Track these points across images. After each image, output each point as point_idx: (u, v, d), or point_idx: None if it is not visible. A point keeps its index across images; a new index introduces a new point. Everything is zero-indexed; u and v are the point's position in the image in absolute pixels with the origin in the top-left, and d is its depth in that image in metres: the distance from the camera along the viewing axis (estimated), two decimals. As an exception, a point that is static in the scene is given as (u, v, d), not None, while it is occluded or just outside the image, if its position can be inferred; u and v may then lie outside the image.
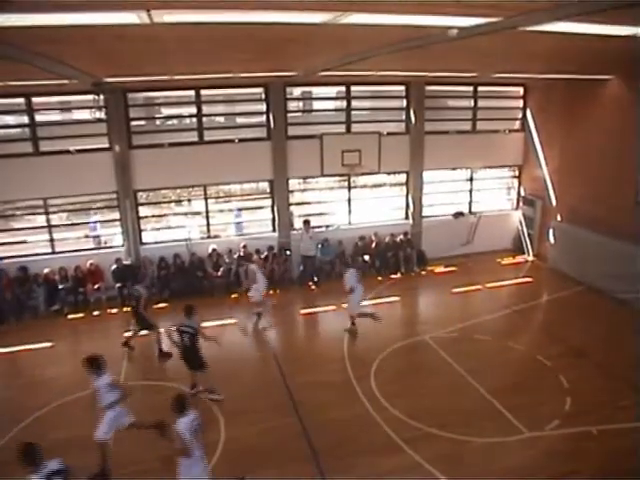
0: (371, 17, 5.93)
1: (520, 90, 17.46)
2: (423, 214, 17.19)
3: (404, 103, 16.41)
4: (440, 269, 16.45)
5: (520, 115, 17.62)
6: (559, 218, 16.26)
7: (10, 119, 14.58)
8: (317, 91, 16.69)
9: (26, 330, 12.56)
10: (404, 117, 16.48)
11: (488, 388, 9.45)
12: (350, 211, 16.69)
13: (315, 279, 15.32)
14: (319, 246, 15.52)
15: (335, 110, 16.50)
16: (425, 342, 11.46)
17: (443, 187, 17.74)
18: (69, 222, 15.29)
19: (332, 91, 16.48)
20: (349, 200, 16.62)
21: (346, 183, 16.53)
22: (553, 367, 10.18)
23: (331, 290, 14.46)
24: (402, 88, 16.26)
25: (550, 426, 8.38)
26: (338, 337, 11.74)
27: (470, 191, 17.89)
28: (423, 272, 16.30)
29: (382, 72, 12.75)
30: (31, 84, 11.71)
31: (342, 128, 15.98)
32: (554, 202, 16.52)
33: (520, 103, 17.58)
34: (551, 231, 16.44)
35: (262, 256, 14.68)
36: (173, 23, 5.94)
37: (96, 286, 14.02)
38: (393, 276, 15.86)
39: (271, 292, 12.60)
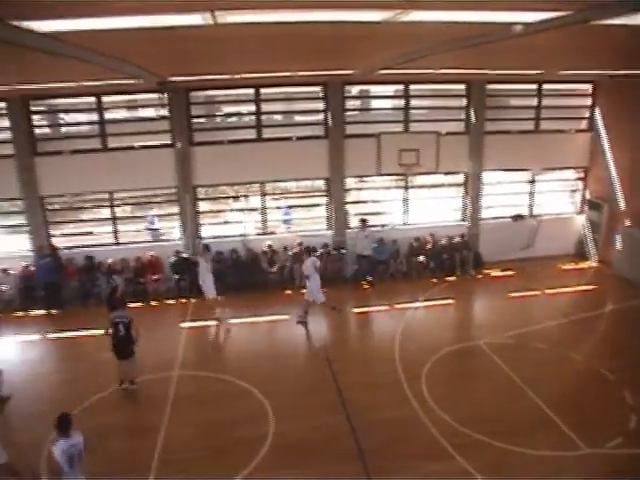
0: (431, 14, 5.84)
1: (588, 87, 16.68)
2: (481, 216, 16.76)
3: (464, 102, 16.04)
4: (497, 273, 15.97)
5: (588, 114, 16.83)
6: (628, 223, 15.42)
7: (81, 117, 15.40)
8: (375, 89, 16.57)
9: (89, 315, 13.17)
10: (464, 116, 16.12)
11: (544, 398, 9.08)
12: (406, 211, 16.49)
13: (369, 278, 15.28)
14: (374, 245, 15.46)
15: (393, 109, 16.33)
16: (479, 347, 11.16)
17: (503, 189, 17.22)
18: (132, 215, 16.00)
19: (390, 89, 16.31)
20: (405, 200, 16.43)
21: (403, 183, 16.35)
22: (616, 381, 9.64)
23: (385, 290, 14.37)
24: (462, 87, 15.88)
25: (611, 444, 7.89)
26: (390, 337, 11.63)
27: (531, 193, 17.25)
28: (479, 275, 15.88)
29: (442, 70, 12.52)
30: (101, 84, 12.31)
31: (400, 127, 15.80)
32: (623, 206, 15.69)
33: (588, 101, 16.78)
34: (618, 236, 15.64)
35: (317, 254, 14.77)
36: (235, 23, 6.07)
37: (155, 277, 14.58)
38: (448, 278, 15.54)
39: (324, 290, 12.62)
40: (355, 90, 16.22)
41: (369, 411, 8.84)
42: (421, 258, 15.71)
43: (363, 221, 15.40)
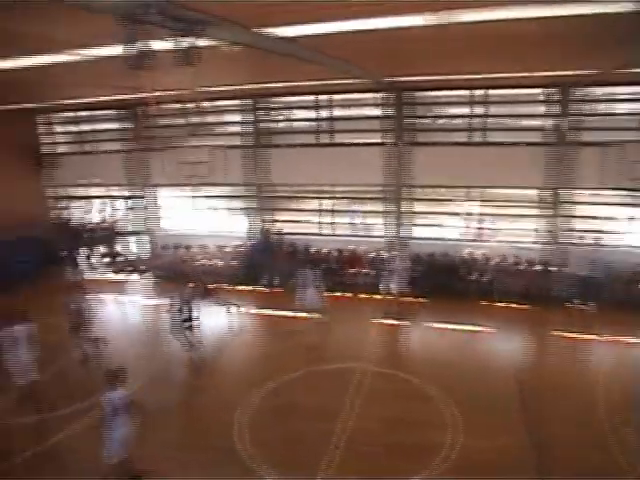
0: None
1: None
2: None
3: None
4: None
5: None
6: None
7: (301, 114, 16.72)
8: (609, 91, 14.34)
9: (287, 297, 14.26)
10: None
11: None
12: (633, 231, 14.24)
13: (584, 302, 13.42)
14: (593, 265, 13.53)
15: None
16: None
17: None
18: (343, 209, 16.92)
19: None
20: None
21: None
22: None
23: (597, 316, 12.67)
24: None
25: None
26: (596, 371, 10.24)
27: None
28: None
29: None
30: (322, 83, 13.21)
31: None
32: None
33: None
34: None
35: (520, 268, 13.75)
36: (461, 23, 5.92)
37: (353, 270, 15.18)
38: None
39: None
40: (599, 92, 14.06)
41: (559, 444, 7.92)
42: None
43: (596, 237, 13.95)
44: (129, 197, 18.42)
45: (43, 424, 8.33)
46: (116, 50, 5.92)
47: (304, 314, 11.97)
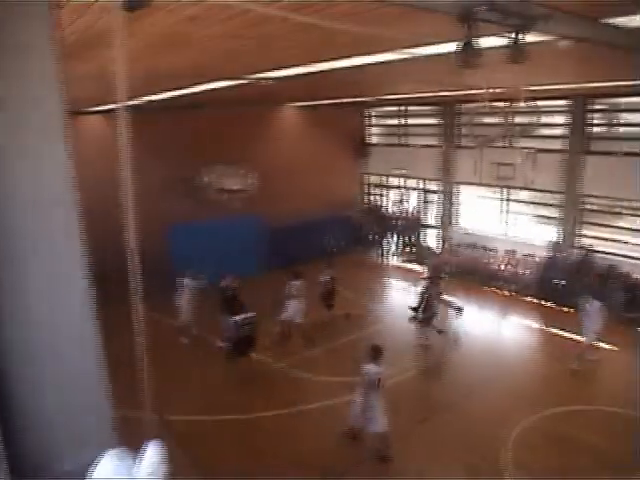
0: None
1: None
2: None
3: None
4: None
5: None
6: None
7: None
8: None
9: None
10: None
11: None
12: None
13: None
14: None
15: None
16: None
17: None
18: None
19: None
20: None
21: None
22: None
23: None
24: None
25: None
26: None
27: None
28: None
29: None
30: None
31: None
32: None
33: None
34: None
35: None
36: None
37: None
38: None
39: None
40: None
41: None
42: None
43: None
44: (433, 192, 18.95)
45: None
46: (441, 48, 5.99)
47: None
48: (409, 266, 18.17)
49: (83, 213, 1.50)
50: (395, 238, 19.45)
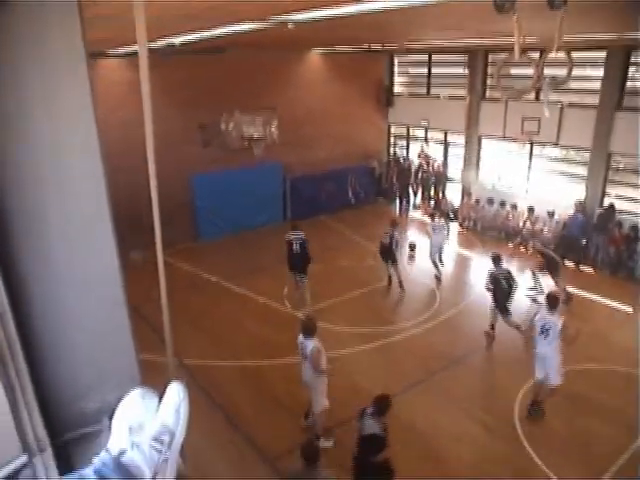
0: None
1: None
2: None
3: None
4: None
5: None
6: None
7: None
8: None
9: (614, 285, 12.50)
10: None
11: None
12: None
13: None
14: None
15: None
16: None
17: None
18: None
19: None
20: None
21: None
22: None
23: None
24: None
25: None
26: None
27: None
28: None
29: None
30: None
31: None
32: None
33: None
34: None
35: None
36: None
37: None
38: None
39: None
40: None
41: None
42: None
43: None
44: (457, 145, 18.52)
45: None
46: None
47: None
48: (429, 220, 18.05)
49: (106, 158, 1.48)
50: (417, 190, 19.20)
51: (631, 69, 13.65)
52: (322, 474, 5.31)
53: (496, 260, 9.88)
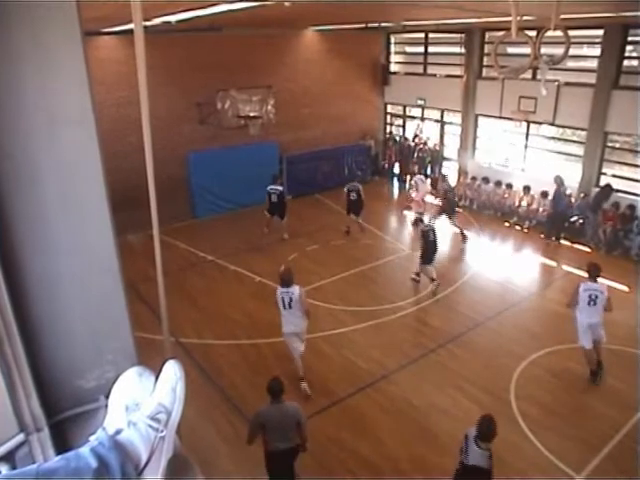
0: None
1: None
2: None
3: None
4: None
5: None
6: None
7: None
8: None
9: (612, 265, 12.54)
10: None
11: None
12: None
13: None
14: None
15: None
16: None
17: None
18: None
19: None
20: None
21: None
22: None
23: None
24: None
25: None
26: None
27: None
28: None
29: None
30: None
31: None
32: None
33: None
34: None
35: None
36: None
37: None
38: None
39: None
40: None
41: None
42: None
43: None
44: (453, 123, 18.42)
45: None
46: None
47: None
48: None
49: (103, 134, 1.46)
50: (413, 169, 19.10)
51: (628, 47, 13.55)
52: (288, 406, 5.55)
53: (421, 220, 11.71)
